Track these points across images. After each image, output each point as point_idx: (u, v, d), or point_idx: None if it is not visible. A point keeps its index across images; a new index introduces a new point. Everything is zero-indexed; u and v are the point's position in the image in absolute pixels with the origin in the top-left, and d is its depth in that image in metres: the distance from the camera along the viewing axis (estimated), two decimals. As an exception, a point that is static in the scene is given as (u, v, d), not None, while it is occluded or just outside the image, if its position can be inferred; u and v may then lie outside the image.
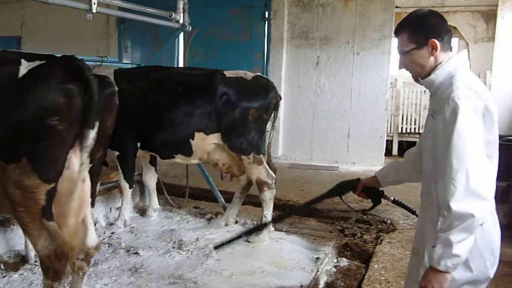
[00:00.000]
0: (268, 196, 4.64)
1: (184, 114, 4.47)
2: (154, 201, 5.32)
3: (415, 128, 10.01)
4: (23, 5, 11.25)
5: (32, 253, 3.89)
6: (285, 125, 9.20)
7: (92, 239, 3.04)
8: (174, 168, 6.82)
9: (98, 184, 3.33)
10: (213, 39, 8.98)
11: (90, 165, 2.81)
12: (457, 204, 1.89)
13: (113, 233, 4.73)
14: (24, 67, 2.55)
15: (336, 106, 8.98)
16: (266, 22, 9.15)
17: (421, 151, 2.36)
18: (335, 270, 4.32)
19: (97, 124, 2.66)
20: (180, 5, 5.21)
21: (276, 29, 9.10)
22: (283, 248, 4.51)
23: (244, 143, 4.51)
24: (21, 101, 2.50)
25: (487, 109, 1.99)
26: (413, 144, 9.46)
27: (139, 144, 4.69)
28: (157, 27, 7.09)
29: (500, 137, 6.92)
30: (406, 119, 10.03)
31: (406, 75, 9.18)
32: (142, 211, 5.44)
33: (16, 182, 2.54)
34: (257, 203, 5.17)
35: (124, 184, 4.80)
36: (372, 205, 2.71)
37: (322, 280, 4.04)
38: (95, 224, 4.82)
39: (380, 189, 2.65)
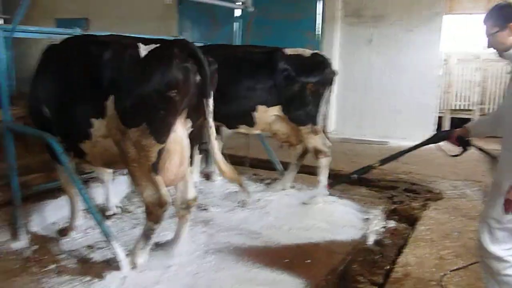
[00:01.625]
0: (324, 163, 5.09)
1: (247, 88, 4.92)
2: (218, 166, 5.88)
3: (468, 105, 10.01)
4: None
5: (112, 204, 4.61)
6: (337, 101, 9.52)
7: (191, 192, 3.72)
8: (232, 140, 7.35)
9: (197, 146, 3.90)
10: (268, 18, 9.31)
11: (191, 129, 3.45)
12: None
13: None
14: (144, 50, 3.17)
15: (388, 83, 9.20)
16: (320, 0, 9.43)
17: (504, 110, 2.86)
18: (384, 230, 4.73)
19: (212, 94, 3.28)
20: (243, -13, 5.64)
21: (330, 8, 9.37)
22: (335, 209, 4.97)
23: (302, 115, 4.93)
24: (145, 77, 3.09)
25: None
26: (465, 120, 9.57)
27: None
28: (214, 8, 7.53)
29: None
30: (459, 96, 10.08)
31: (460, 51, 9.29)
32: (207, 176, 6.02)
33: (135, 143, 3.16)
34: (311, 172, 5.63)
35: (195, 150, 5.38)
36: (462, 151, 3.33)
37: (371, 238, 4.45)
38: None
39: (468, 138, 3.26)
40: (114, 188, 4.78)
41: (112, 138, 3.29)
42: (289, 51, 5.00)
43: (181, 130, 3.36)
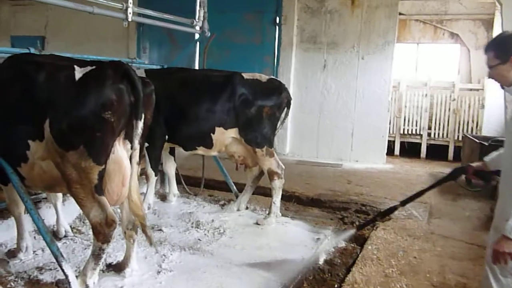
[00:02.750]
0: (278, 185, 5.24)
1: (206, 111, 5.05)
2: (173, 187, 5.94)
3: (416, 130, 10.52)
4: (47, 6, 11.90)
5: (61, 226, 4.56)
6: (293, 124, 9.79)
7: (138, 211, 3.65)
8: (189, 162, 7.43)
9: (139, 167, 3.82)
10: (227, 42, 9.56)
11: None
12: None
13: (138, 214, 5.33)
14: (79, 72, 3.20)
15: (341, 107, 9.56)
16: (277, 27, 9.76)
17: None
18: (334, 250, 4.89)
19: (143, 116, 3.31)
20: (201, 13, 5.83)
21: (286, 34, 9.71)
22: (288, 230, 5.11)
23: (258, 137, 5.11)
24: (80, 99, 3.14)
25: None
26: (414, 144, 10.06)
27: (167, 137, 5.29)
28: (174, 30, 7.68)
29: (490, 138, 7.50)
30: (408, 121, 10.56)
31: (409, 78, 9.84)
32: (162, 197, 6.05)
33: (75, 165, 3.19)
34: (266, 193, 5.77)
35: (151, 172, 5.43)
36: (483, 184, 3.36)
37: (322, 257, 4.60)
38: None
39: (491, 171, 3.08)
40: (65, 208, 4.73)
41: (52, 160, 3.29)
42: (246, 75, 5.19)
43: (120, 151, 3.39)
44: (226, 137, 5.16)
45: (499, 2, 4.22)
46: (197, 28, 5.94)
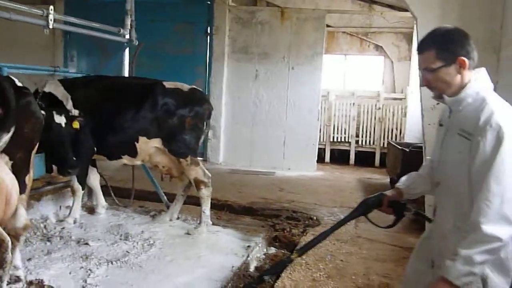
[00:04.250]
0: (206, 194, 5.24)
1: (129, 119, 4.97)
2: (100, 198, 5.76)
3: (345, 137, 10.93)
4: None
5: None
6: (226, 134, 9.84)
7: (20, 221, 3.41)
8: (120, 173, 7.25)
9: (27, 180, 3.59)
10: (159, 52, 9.46)
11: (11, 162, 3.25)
12: (488, 225, 1.90)
13: (63, 228, 5.12)
14: None
15: (273, 116, 9.74)
16: (209, 37, 9.80)
17: (435, 166, 2.37)
18: (264, 256, 4.95)
19: (12, 129, 2.99)
20: (128, 22, 5.75)
21: (218, 44, 9.77)
22: (219, 238, 5.12)
23: (182, 147, 5.10)
24: None
25: None
26: (344, 151, 10.47)
27: (95, 148, 5.14)
28: (103, 38, 7.49)
29: (411, 144, 7.91)
30: (337, 129, 10.95)
31: (337, 88, 10.22)
32: (90, 210, 5.85)
33: None
34: (197, 203, 5.74)
35: (78, 186, 5.25)
36: (395, 219, 2.61)
37: (252, 264, 4.63)
38: (45, 221, 5.26)
39: (402, 201, 2.58)
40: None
41: None
42: (168, 84, 5.17)
43: None
44: (149, 147, 5.10)
45: (414, 16, 4.49)
46: (125, 36, 5.84)
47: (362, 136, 10.88)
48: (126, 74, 6.71)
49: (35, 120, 3.44)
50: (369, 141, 10.84)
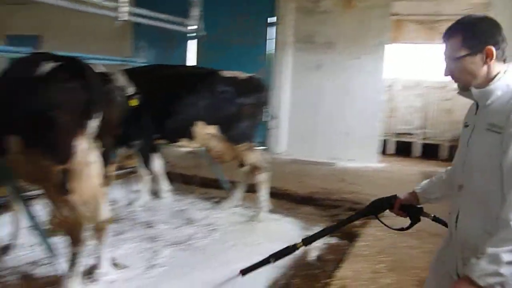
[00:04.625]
0: (262, 179, 5.31)
1: (188, 105, 5.11)
2: (164, 185, 5.99)
3: (410, 129, 10.61)
4: (43, 5, 11.90)
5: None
6: (288, 123, 9.85)
7: (104, 213, 3.56)
8: (183, 161, 7.49)
9: (114, 167, 3.86)
10: (222, 42, 9.58)
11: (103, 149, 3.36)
12: None
13: (132, 211, 5.41)
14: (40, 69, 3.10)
15: (336, 107, 9.62)
16: (272, 27, 9.81)
17: (458, 169, 2.19)
18: (325, 246, 4.96)
19: (98, 115, 3.14)
20: (195, 13, 5.88)
21: (281, 34, 9.76)
22: (279, 226, 5.19)
23: (239, 134, 5.20)
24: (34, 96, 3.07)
25: None
26: (408, 143, 10.14)
27: (157, 135, 5.35)
28: (170, 29, 7.74)
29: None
30: (402, 120, 10.65)
31: (403, 78, 9.87)
32: (156, 195, 6.09)
33: (34, 162, 3.12)
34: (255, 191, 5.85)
35: (144, 171, 5.50)
36: (410, 223, 2.51)
37: (313, 253, 4.66)
38: (115, 204, 5.56)
39: (419, 206, 2.45)
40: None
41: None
42: (227, 73, 5.27)
43: (82, 151, 3.17)
44: (206, 132, 5.22)
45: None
46: (192, 27, 5.99)
47: (428, 128, 10.51)
48: (190, 64, 6.93)
49: (118, 106, 3.64)
50: (435, 133, 10.46)
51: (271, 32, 9.79)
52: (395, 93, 10.63)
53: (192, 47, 6.38)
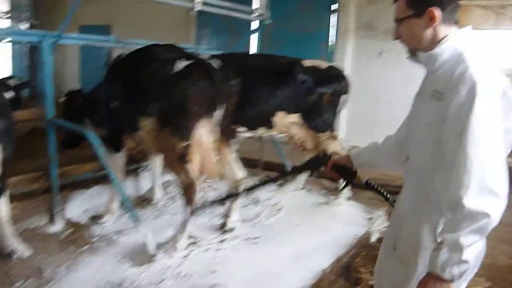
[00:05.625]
0: None
1: (268, 95, 5.25)
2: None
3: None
4: (114, -4, 12.55)
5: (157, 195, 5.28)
6: (348, 111, 9.89)
7: (238, 173, 4.58)
8: (246, 146, 7.75)
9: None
10: (283, 29, 9.69)
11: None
12: (471, 201, 1.61)
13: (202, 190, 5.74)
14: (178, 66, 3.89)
15: (397, 95, 9.53)
16: (334, 14, 9.84)
17: (402, 140, 2.20)
18: (385, 230, 5.08)
19: (221, 106, 3.95)
20: (263, 1, 6.07)
21: (343, 21, 9.77)
22: (342, 209, 5.36)
23: (320, 123, 5.30)
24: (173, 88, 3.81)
25: (505, 93, 1.72)
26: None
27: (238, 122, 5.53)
28: (232, 18, 7.94)
29: None
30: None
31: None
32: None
33: (162, 141, 3.89)
34: (320, 176, 6.02)
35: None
36: (343, 185, 2.62)
37: (374, 236, 4.80)
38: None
39: (353, 169, 2.44)
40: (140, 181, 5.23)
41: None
42: (307, 62, 5.36)
43: (204, 133, 3.94)
44: (287, 121, 5.35)
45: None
46: (258, 16, 6.20)
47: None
48: (253, 52, 7.13)
49: (233, 95, 4.25)
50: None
51: (333, 19, 9.83)
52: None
53: (254, 35, 6.56)
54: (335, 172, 2.46)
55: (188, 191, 3.94)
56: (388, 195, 2.46)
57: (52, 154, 4.27)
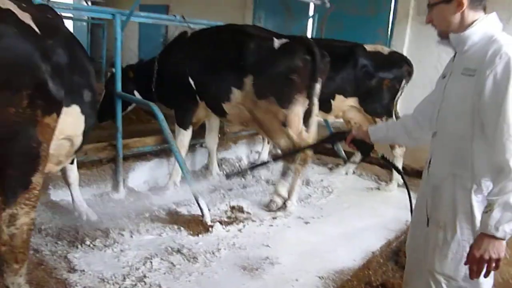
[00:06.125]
0: (399, 153, 5.46)
1: (328, 78, 5.04)
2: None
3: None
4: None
5: (214, 171, 5.56)
6: (403, 97, 9.72)
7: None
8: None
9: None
10: (340, 13, 9.53)
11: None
12: None
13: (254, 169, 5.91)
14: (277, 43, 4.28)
15: (455, 83, 9.29)
16: (394, -2, 9.64)
17: (427, 114, 2.36)
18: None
19: (320, 80, 4.35)
20: (323, -16, 6.06)
21: (402, 5, 9.55)
22: (392, 194, 5.39)
23: (378, 108, 5.31)
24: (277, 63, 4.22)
25: None
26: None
27: None
28: (289, 0, 7.91)
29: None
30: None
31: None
32: (273, 157, 6.54)
33: (264, 110, 4.32)
34: (371, 162, 6.03)
35: None
36: (360, 157, 3.07)
37: (425, 222, 4.81)
38: (240, 161, 6.11)
39: (371, 143, 2.68)
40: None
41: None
42: (369, 47, 5.35)
43: (302, 103, 4.36)
44: (345, 105, 5.39)
45: None
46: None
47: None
48: (309, 36, 7.14)
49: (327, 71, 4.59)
50: None
51: (393, 3, 9.63)
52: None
53: (310, 18, 6.55)
54: (353, 146, 2.73)
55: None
56: (401, 170, 2.76)
57: (118, 126, 4.53)
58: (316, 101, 4.42)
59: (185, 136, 4.91)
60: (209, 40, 4.70)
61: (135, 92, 5.12)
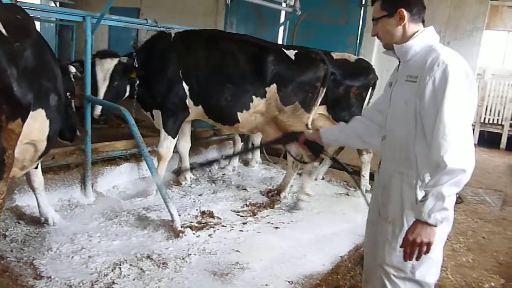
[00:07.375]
0: (366, 159, 5.54)
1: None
2: (256, 154, 6.43)
3: (498, 119, 10.27)
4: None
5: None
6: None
7: None
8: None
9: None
10: (312, 21, 9.69)
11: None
12: (451, 159, 1.93)
13: (224, 174, 5.92)
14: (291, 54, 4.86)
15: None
16: (363, 7, 9.85)
17: (375, 120, 2.53)
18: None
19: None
20: (296, -9, 6.14)
21: (371, 15, 9.73)
22: (362, 200, 5.42)
23: (346, 116, 5.27)
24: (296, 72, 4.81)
25: (467, 74, 2.07)
26: (494, 134, 9.70)
27: None
28: (261, 7, 7.95)
29: None
30: (490, 110, 10.32)
31: (495, 67, 9.38)
32: (245, 163, 6.57)
33: (289, 115, 4.81)
34: (338, 167, 6.11)
35: (237, 138, 5.95)
36: (311, 158, 3.09)
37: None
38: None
39: (323, 145, 2.78)
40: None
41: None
42: (336, 55, 5.37)
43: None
44: (314, 113, 5.45)
45: None
46: (289, 5, 6.28)
47: (518, 120, 10.10)
48: (281, 42, 7.20)
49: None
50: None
51: (362, 13, 9.83)
52: (486, 82, 10.29)
53: (282, 25, 6.62)
54: (305, 147, 2.80)
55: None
56: (350, 170, 2.94)
57: (87, 129, 4.46)
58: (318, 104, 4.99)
59: (172, 144, 4.89)
60: (207, 46, 4.84)
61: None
